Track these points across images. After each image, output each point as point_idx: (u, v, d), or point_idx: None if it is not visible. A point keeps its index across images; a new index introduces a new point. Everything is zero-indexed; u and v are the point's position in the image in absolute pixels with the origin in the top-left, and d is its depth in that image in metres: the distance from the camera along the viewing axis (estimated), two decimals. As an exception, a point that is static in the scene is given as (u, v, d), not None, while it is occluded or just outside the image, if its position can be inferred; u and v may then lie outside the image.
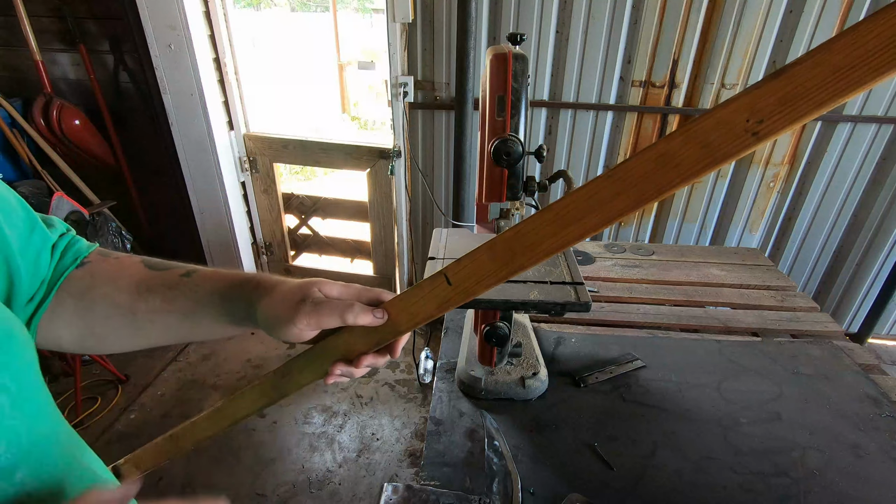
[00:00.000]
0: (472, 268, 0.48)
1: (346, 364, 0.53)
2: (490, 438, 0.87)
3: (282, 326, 0.49)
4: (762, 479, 0.81)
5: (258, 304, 0.50)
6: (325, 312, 0.49)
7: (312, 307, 0.48)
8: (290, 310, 0.48)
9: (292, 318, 0.48)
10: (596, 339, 1.16)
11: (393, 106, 2.23)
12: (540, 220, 0.44)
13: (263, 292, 0.51)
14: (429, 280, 0.50)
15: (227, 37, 2.27)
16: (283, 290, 0.50)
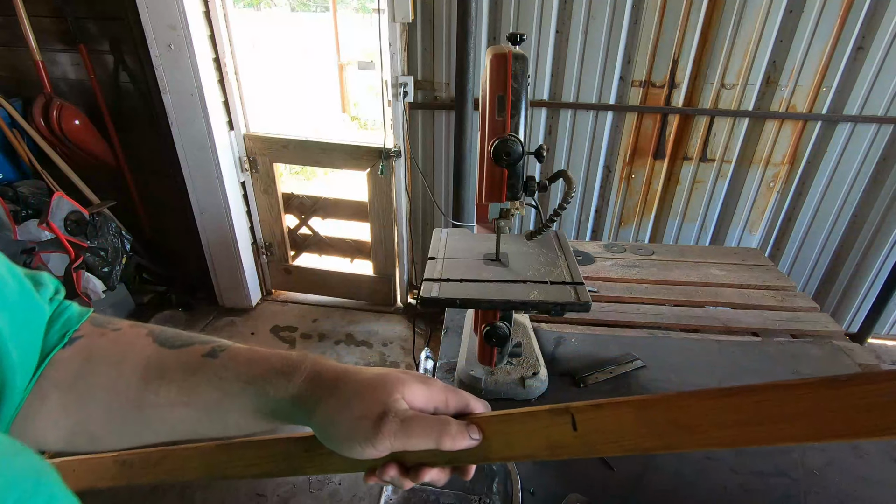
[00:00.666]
0: (611, 422, 0.38)
1: (399, 469, 0.42)
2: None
3: (352, 444, 0.39)
4: (762, 479, 0.81)
5: (317, 410, 0.40)
6: (417, 433, 0.39)
7: (399, 426, 0.38)
8: (367, 425, 0.38)
9: (370, 436, 0.38)
10: (596, 339, 1.16)
11: (393, 106, 2.23)
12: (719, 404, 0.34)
13: (323, 393, 0.40)
14: (547, 412, 0.40)
15: (227, 37, 2.27)
16: (353, 395, 0.39)
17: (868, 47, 1.86)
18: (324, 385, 0.41)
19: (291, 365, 0.42)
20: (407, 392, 0.40)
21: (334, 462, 0.44)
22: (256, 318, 2.80)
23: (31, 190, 2.23)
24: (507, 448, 0.42)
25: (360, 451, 0.39)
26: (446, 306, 0.81)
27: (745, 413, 0.33)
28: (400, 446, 0.39)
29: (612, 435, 0.38)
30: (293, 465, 0.46)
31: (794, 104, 2.01)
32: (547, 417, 0.40)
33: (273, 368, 0.42)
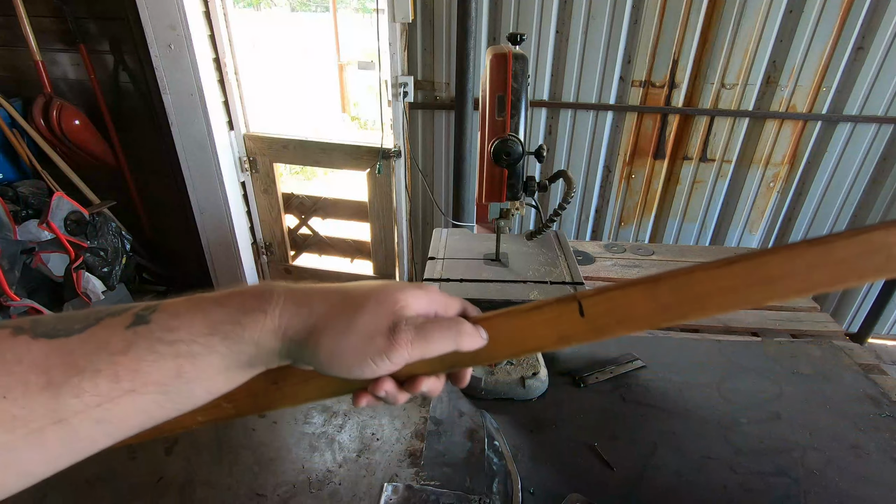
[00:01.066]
0: (620, 303, 0.39)
1: (394, 383, 0.38)
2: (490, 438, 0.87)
3: (363, 363, 0.35)
4: (762, 479, 0.81)
5: (312, 338, 0.35)
6: (436, 337, 0.37)
7: (415, 334, 0.36)
8: (380, 340, 0.35)
9: (385, 350, 0.35)
10: (596, 339, 1.16)
11: (393, 106, 2.23)
12: (722, 272, 0.37)
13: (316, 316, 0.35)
14: (555, 302, 0.40)
15: (227, 37, 2.27)
16: (355, 311, 0.36)
17: (868, 47, 1.86)
18: (313, 307, 0.35)
19: (261, 295, 0.35)
20: (409, 299, 0.38)
21: (310, 391, 0.41)
22: (256, 318, 2.80)
23: (31, 190, 2.23)
24: (515, 344, 0.41)
25: (375, 368, 0.36)
26: (446, 306, 0.81)
27: (745, 278, 0.37)
28: (418, 354, 0.36)
29: (622, 315, 0.39)
30: (260, 402, 0.41)
31: (794, 104, 2.01)
32: (554, 308, 0.40)
33: (239, 306, 0.34)
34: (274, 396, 0.41)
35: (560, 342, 0.40)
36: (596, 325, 0.39)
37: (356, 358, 0.35)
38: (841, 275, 0.36)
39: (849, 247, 0.36)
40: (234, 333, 0.34)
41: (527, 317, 0.40)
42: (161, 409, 0.34)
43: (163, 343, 0.32)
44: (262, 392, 0.40)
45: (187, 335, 0.33)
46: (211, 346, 0.33)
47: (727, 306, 0.38)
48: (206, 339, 0.33)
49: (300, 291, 0.36)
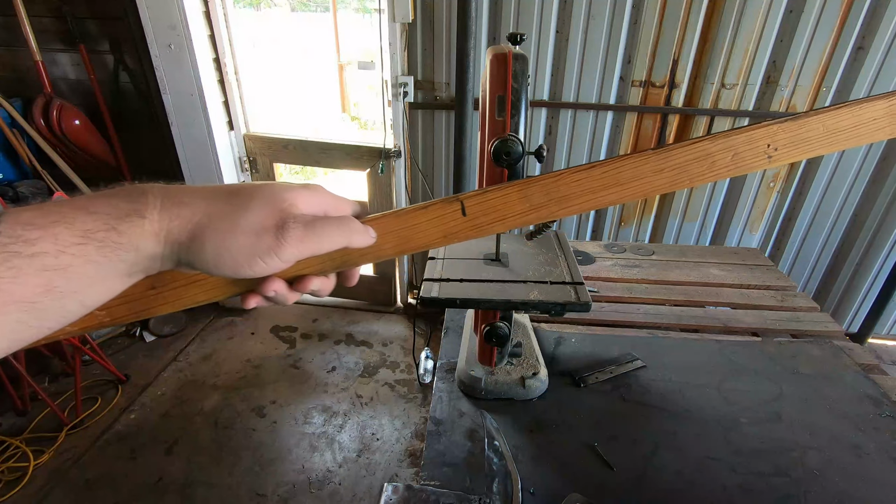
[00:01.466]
0: (498, 203, 0.43)
1: (283, 283, 0.38)
2: (490, 438, 0.87)
3: (252, 262, 0.34)
4: (762, 479, 0.81)
5: (196, 240, 0.33)
6: (326, 233, 0.36)
7: (304, 230, 0.35)
8: (268, 238, 0.34)
9: (274, 247, 0.34)
10: (596, 339, 1.16)
11: (393, 106, 2.23)
12: (584, 175, 0.42)
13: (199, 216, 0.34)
14: (440, 203, 0.42)
15: (227, 37, 2.27)
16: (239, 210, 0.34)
17: (868, 47, 1.86)
18: (196, 207, 0.34)
19: (135, 197, 0.32)
20: (297, 197, 0.37)
21: (194, 293, 0.40)
22: (256, 317, 2.80)
23: (31, 190, 2.23)
24: (401, 243, 0.43)
25: (264, 266, 0.35)
26: (446, 306, 0.81)
27: (603, 180, 0.43)
28: (308, 251, 0.36)
29: (499, 213, 0.43)
30: (136, 308, 0.39)
31: (794, 104, 2.01)
32: (440, 208, 0.42)
33: (112, 210, 0.31)
34: (153, 302, 0.40)
35: (444, 239, 0.43)
36: (476, 223, 0.43)
37: (244, 256, 0.34)
38: (677, 178, 0.43)
39: (683, 154, 0.42)
40: (111, 240, 0.31)
41: (413, 216, 0.42)
42: (29, 329, 0.30)
43: (21, 257, 0.28)
44: (139, 298, 0.39)
45: (52, 246, 0.29)
46: (85, 255, 0.30)
47: (588, 206, 0.43)
48: (77, 249, 0.30)
49: (179, 191, 0.34)
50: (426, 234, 0.43)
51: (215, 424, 2.09)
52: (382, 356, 2.54)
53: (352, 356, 2.53)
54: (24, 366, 2.02)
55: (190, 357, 2.50)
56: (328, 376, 2.39)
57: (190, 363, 2.46)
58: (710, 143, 0.42)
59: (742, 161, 0.43)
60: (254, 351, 2.55)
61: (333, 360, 2.50)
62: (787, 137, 0.43)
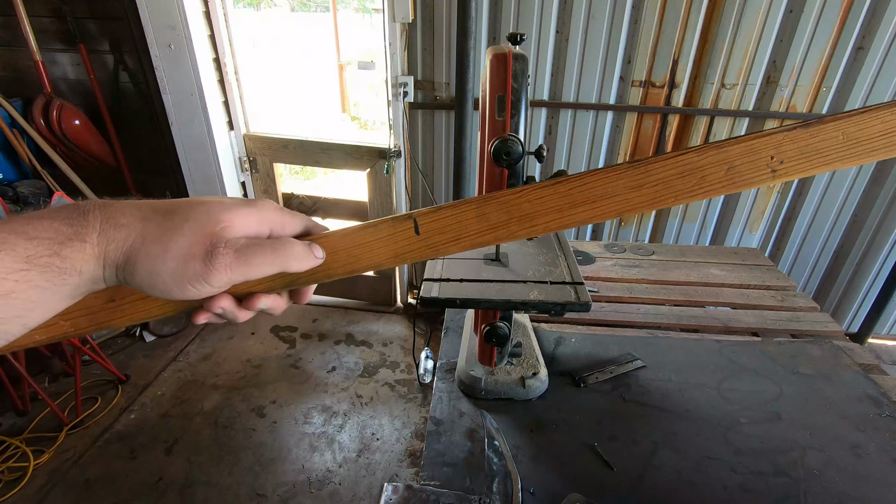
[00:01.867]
0: (452, 222, 0.40)
1: (230, 300, 0.37)
2: (490, 438, 0.87)
3: (184, 287, 0.34)
4: (762, 479, 0.81)
5: (128, 263, 0.33)
6: (257, 260, 0.35)
7: (234, 257, 0.34)
8: (196, 264, 0.33)
9: (203, 275, 0.33)
10: (596, 339, 1.16)
11: (393, 106, 2.23)
12: (548, 192, 0.39)
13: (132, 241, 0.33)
14: (390, 221, 0.40)
15: (227, 37, 2.27)
16: (169, 234, 0.33)
17: (868, 47, 1.86)
18: (131, 229, 0.33)
19: (76, 220, 0.32)
20: (234, 218, 0.35)
21: (150, 307, 0.40)
22: (256, 317, 2.78)
23: (31, 190, 2.23)
24: (352, 261, 0.41)
25: (196, 291, 0.34)
26: (446, 306, 0.81)
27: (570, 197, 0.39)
28: (240, 277, 0.35)
29: (454, 233, 0.40)
30: (97, 319, 0.40)
31: (794, 104, 2.01)
32: (389, 226, 0.40)
33: (54, 235, 0.31)
34: (113, 314, 0.40)
35: (396, 259, 0.41)
36: (430, 242, 0.40)
37: (173, 282, 0.33)
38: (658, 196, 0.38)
39: (665, 168, 0.37)
40: (54, 265, 0.31)
41: (363, 234, 0.40)
42: None
43: None
44: (100, 310, 0.39)
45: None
46: (28, 281, 0.30)
47: (554, 225, 0.39)
48: (20, 276, 0.30)
49: (119, 210, 0.34)
50: (376, 254, 0.41)
51: (215, 424, 2.09)
52: (382, 356, 2.54)
53: (352, 356, 2.53)
54: (24, 366, 2.02)
55: (190, 357, 2.50)
56: (328, 376, 2.39)
57: (190, 363, 2.46)
58: (698, 155, 0.37)
59: (739, 176, 0.37)
60: (254, 351, 2.55)
61: (333, 360, 2.50)
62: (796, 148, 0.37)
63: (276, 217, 0.38)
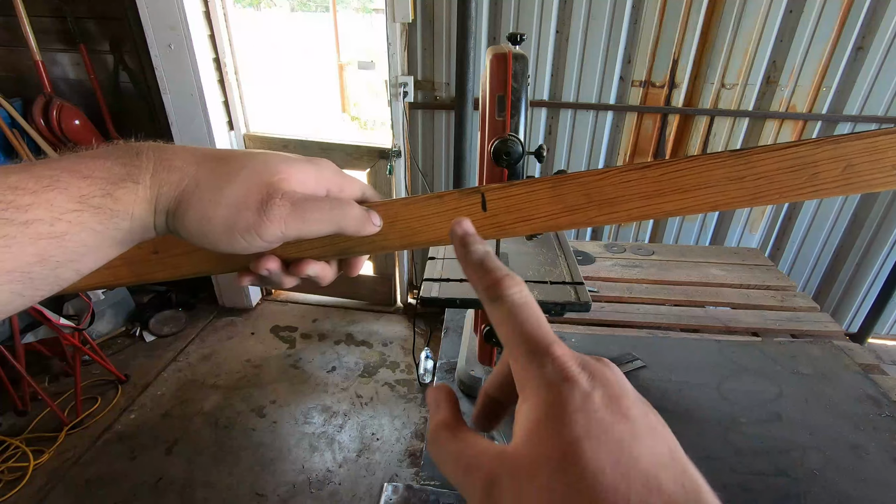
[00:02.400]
0: (523, 200, 0.36)
1: (278, 262, 0.35)
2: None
3: (233, 238, 0.31)
4: (762, 479, 0.81)
5: (180, 208, 0.31)
6: (314, 215, 0.32)
7: (291, 210, 0.32)
8: (250, 214, 0.31)
9: (255, 225, 0.31)
10: (596, 339, 1.16)
11: (393, 106, 2.23)
12: (635, 176, 0.35)
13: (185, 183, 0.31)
14: (457, 194, 0.37)
15: (227, 37, 2.27)
16: (225, 180, 0.31)
17: (868, 47, 1.86)
18: (184, 172, 0.31)
19: (129, 161, 0.30)
20: (293, 172, 0.33)
21: (193, 263, 0.38)
22: (256, 317, 2.80)
23: (31, 190, 2.23)
24: (410, 234, 0.37)
25: (246, 244, 0.32)
26: (446, 306, 0.81)
27: (659, 184, 0.35)
28: (294, 233, 0.32)
29: (524, 213, 0.36)
30: (138, 271, 0.38)
31: (794, 104, 2.01)
32: (456, 199, 0.37)
33: (107, 175, 0.29)
34: (154, 267, 0.38)
35: None
36: (497, 220, 0.37)
37: (224, 232, 0.31)
38: (760, 191, 0.34)
39: (773, 160, 0.33)
40: (107, 206, 0.29)
41: (426, 205, 0.37)
42: (21, 297, 0.28)
43: (13, 224, 0.26)
44: (141, 260, 0.38)
45: (47, 213, 0.27)
46: (81, 223, 0.28)
47: (637, 214, 0.36)
48: (73, 216, 0.28)
49: (172, 153, 0.32)
50: (438, 228, 0.37)
51: (215, 424, 2.09)
52: (382, 356, 2.54)
53: (352, 356, 2.53)
54: (24, 366, 2.02)
55: (190, 357, 2.50)
56: (328, 376, 2.39)
57: (190, 363, 2.46)
58: (814, 148, 0.33)
59: (857, 176, 0.33)
60: (254, 351, 2.55)
61: (333, 360, 2.50)
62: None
63: (335, 178, 0.36)
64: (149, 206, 0.31)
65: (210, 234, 0.32)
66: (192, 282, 2.84)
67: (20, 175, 0.27)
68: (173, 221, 0.32)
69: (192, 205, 0.31)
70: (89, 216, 0.28)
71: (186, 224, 0.31)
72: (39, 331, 2.26)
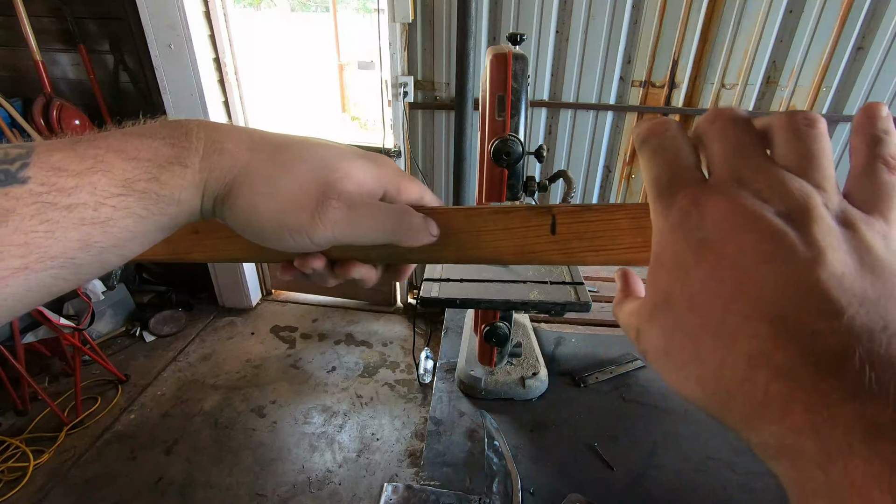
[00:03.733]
0: (600, 228, 0.33)
1: (324, 261, 0.34)
2: (490, 438, 0.87)
3: (282, 235, 0.30)
4: (762, 479, 0.81)
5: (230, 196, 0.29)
6: (368, 224, 0.31)
7: (346, 214, 0.30)
8: (303, 213, 0.29)
9: (307, 226, 0.29)
10: (596, 339, 1.16)
11: (393, 106, 2.23)
12: None
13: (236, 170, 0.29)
14: (525, 211, 0.33)
15: (227, 37, 2.27)
16: (280, 170, 0.29)
17: (868, 47, 1.86)
18: (237, 157, 0.29)
19: (177, 141, 0.28)
20: (352, 169, 0.31)
21: (234, 248, 0.36)
22: (256, 317, 2.80)
23: (31, 190, 2.23)
24: (469, 247, 0.35)
25: (294, 244, 0.30)
26: (446, 306, 0.81)
27: None
28: (345, 239, 0.30)
29: (597, 242, 0.33)
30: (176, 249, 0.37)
31: (794, 104, 2.01)
32: (523, 216, 0.33)
33: (153, 157, 0.27)
34: (193, 246, 0.37)
35: (520, 256, 0.34)
36: (567, 246, 0.33)
37: (273, 229, 0.30)
38: None
39: None
40: (153, 191, 0.27)
41: (491, 219, 0.34)
42: (66, 282, 0.27)
43: (56, 209, 0.24)
44: (180, 238, 0.36)
45: (90, 197, 0.25)
46: (127, 207, 0.26)
47: None
48: (117, 201, 0.26)
49: (223, 135, 0.30)
50: (499, 244, 0.34)
51: (215, 424, 2.09)
52: (382, 356, 2.54)
53: (352, 356, 2.53)
54: (24, 366, 2.02)
55: (190, 357, 2.50)
56: (328, 376, 2.39)
57: (190, 363, 2.46)
58: None
59: None
60: (254, 351, 2.55)
61: (333, 360, 2.50)
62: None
63: (394, 178, 0.33)
64: (197, 191, 0.29)
65: (258, 228, 0.30)
66: (192, 282, 2.84)
67: (64, 153, 0.25)
68: (221, 208, 0.30)
69: (242, 193, 0.29)
70: (134, 201, 0.27)
71: (235, 213, 0.30)
72: (39, 331, 2.26)
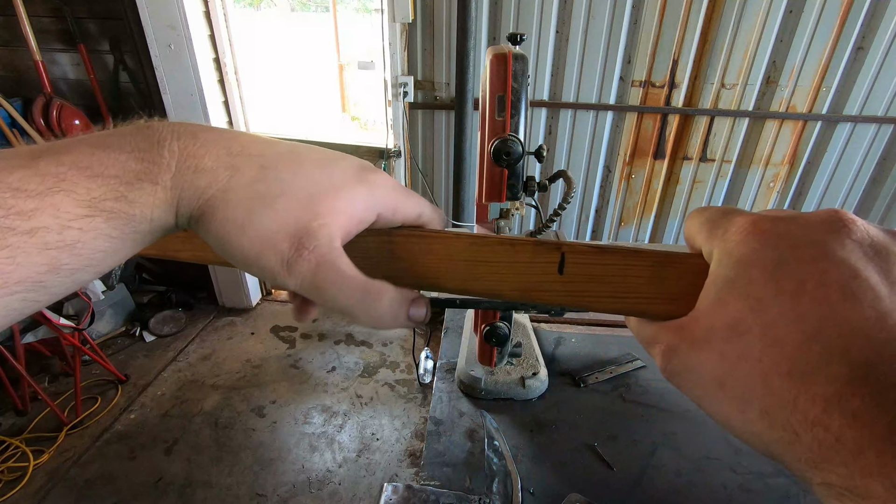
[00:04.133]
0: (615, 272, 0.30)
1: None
2: (490, 438, 0.87)
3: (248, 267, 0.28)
4: (762, 479, 0.81)
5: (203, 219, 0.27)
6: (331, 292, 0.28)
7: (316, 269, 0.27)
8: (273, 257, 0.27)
9: (273, 271, 0.27)
10: (596, 339, 1.16)
11: (393, 106, 2.23)
12: None
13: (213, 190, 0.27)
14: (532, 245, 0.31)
15: (227, 37, 2.27)
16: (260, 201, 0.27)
17: (868, 47, 1.86)
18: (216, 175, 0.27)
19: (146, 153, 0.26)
20: (338, 205, 0.28)
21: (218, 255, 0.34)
22: (256, 318, 2.80)
23: (31, 190, 2.23)
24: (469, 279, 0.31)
25: (261, 276, 0.28)
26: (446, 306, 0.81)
27: None
28: (307, 294, 0.28)
29: (608, 289, 0.30)
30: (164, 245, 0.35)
31: (794, 104, 2.01)
32: (530, 251, 0.30)
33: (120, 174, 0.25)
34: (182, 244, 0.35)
35: (523, 293, 0.31)
36: (576, 288, 0.30)
37: (242, 262, 0.28)
38: None
39: None
40: (122, 211, 0.25)
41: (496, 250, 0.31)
42: (36, 303, 0.25)
43: (16, 234, 0.22)
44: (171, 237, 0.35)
45: (53, 220, 0.23)
46: (95, 229, 0.25)
47: None
48: (84, 223, 0.24)
49: (201, 146, 0.27)
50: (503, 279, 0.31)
51: (215, 424, 2.09)
52: (382, 356, 2.54)
53: (352, 356, 2.53)
54: (24, 366, 2.02)
55: (190, 357, 2.50)
56: (328, 376, 2.39)
57: (190, 363, 2.46)
58: None
59: None
60: (254, 351, 2.55)
61: (333, 360, 2.50)
62: None
63: (389, 199, 0.31)
64: (170, 208, 0.27)
65: (228, 256, 0.28)
66: (192, 282, 2.84)
67: (23, 173, 0.23)
68: (196, 226, 0.28)
69: (216, 218, 0.27)
70: (102, 221, 0.25)
71: (208, 237, 0.28)
72: (39, 331, 2.26)
